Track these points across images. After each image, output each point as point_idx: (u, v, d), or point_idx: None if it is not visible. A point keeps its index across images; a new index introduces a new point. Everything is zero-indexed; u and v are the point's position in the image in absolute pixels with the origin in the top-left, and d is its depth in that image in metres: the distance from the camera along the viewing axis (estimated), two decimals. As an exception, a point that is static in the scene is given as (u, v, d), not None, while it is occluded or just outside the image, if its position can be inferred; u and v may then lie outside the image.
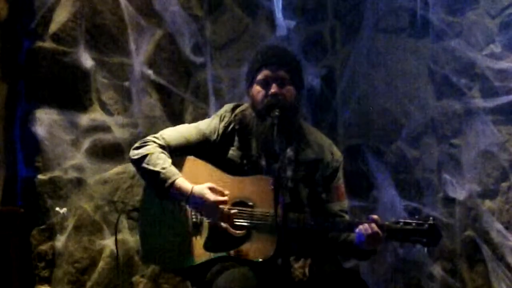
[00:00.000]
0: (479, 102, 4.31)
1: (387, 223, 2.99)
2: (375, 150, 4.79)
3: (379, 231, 2.95)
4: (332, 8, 4.99)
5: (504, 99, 4.21)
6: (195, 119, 3.60)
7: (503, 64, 4.20)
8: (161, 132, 3.21)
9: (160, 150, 3.13)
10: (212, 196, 3.03)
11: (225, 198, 3.05)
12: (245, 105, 3.25)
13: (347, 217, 3.20)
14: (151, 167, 3.09)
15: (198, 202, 3.04)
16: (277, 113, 3.01)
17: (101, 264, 4.02)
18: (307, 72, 4.86)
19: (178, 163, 3.15)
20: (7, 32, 3.87)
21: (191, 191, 3.04)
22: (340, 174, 3.27)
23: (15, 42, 3.90)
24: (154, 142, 3.15)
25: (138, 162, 3.13)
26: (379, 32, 4.80)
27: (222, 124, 3.20)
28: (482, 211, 4.29)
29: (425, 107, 4.57)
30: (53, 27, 3.93)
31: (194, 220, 3.12)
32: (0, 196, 3.81)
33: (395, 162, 4.70)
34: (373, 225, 2.96)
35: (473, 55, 4.32)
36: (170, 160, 3.11)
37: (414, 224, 2.96)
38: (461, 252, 4.39)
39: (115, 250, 4.03)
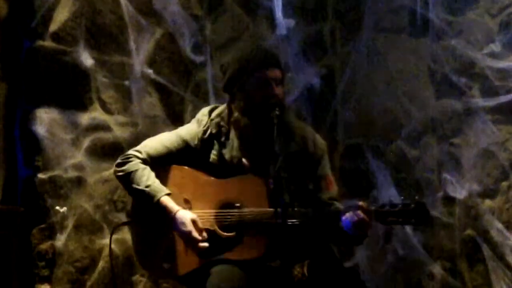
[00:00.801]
0: (479, 101, 4.31)
1: (373, 207, 2.97)
2: (375, 150, 4.79)
3: (366, 217, 2.94)
4: (332, 8, 4.99)
5: (504, 99, 4.22)
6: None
7: (503, 64, 4.20)
8: (142, 145, 3.22)
9: (143, 166, 3.14)
10: (189, 228, 3.05)
11: (200, 238, 3.05)
12: (222, 106, 3.26)
13: (337, 204, 3.18)
14: (135, 186, 3.11)
15: (178, 228, 3.07)
16: (277, 113, 3.02)
17: (101, 263, 4.02)
18: (307, 72, 4.87)
19: (163, 173, 3.16)
20: (7, 31, 3.87)
21: (174, 215, 3.07)
22: (326, 162, 3.26)
23: (15, 42, 3.90)
24: (136, 157, 3.16)
25: (123, 180, 3.17)
26: (379, 31, 4.80)
27: (201, 128, 3.22)
28: (482, 211, 4.29)
29: (425, 107, 4.57)
30: (53, 27, 3.93)
31: None
32: (0, 195, 3.81)
33: (395, 161, 4.70)
34: (359, 212, 2.94)
35: (473, 55, 4.32)
36: (153, 174, 3.13)
37: (400, 205, 2.95)
38: (461, 251, 4.39)
39: (115, 249, 4.03)
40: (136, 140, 3.26)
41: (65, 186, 3.93)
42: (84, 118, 4.01)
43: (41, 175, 3.87)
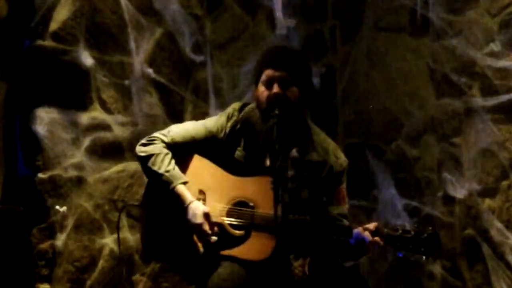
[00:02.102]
0: (479, 100, 4.31)
1: (386, 230, 2.95)
2: (375, 149, 4.79)
3: (379, 241, 2.93)
4: (332, 7, 4.99)
5: (504, 98, 4.22)
6: (195, 118, 3.60)
7: (503, 63, 4.20)
8: (168, 129, 3.21)
9: (166, 151, 3.14)
10: (200, 220, 3.04)
11: (210, 232, 3.05)
12: (253, 105, 3.24)
13: (345, 221, 3.17)
14: (155, 168, 3.11)
15: (190, 218, 3.06)
16: (276, 112, 3.00)
17: (101, 263, 4.03)
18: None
19: (183, 161, 3.16)
20: (7, 31, 3.87)
21: (188, 205, 3.07)
22: (344, 178, 3.24)
23: (15, 42, 3.90)
24: (162, 140, 3.16)
25: (143, 160, 3.15)
26: (379, 31, 4.80)
27: (230, 123, 3.20)
28: (482, 210, 4.29)
29: (425, 106, 4.57)
30: (53, 26, 3.93)
31: None
32: (0, 195, 3.81)
33: (395, 161, 4.70)
34: (370, 235, 2.94)
35: (473, 54, 4.32)
36: (174, 161, 3.13)
37: (413, 232, 2.92)
38: (461, 250, 4.40)
39: (115, 249, 4.04)
40: (136, 140, 3.26)
41: (65, 186, 3.93)
42: (84, 118, 4.01)
43: (41, 175, 3.87)
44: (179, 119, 4.26)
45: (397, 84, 4.70)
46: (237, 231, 3.07)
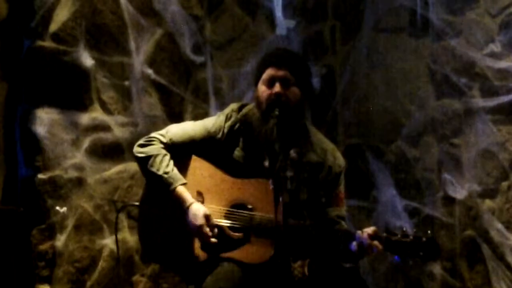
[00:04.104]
0: (479, 101, 4.31)
1: (385, 234, 2.95)
2: (375, 150, 4.79)
3: (378, 245, 2.93)
4: (332, 8, 4.99)
5: (504, 99, 4.22)
6: (195, 119, 3.60)
7: (503, 64, 4.20)
8: (167, 129, 3.20)
9: (164, 152, 3.13)
10: (201, 221, 3.03)
11: (210, 234, 3.04)
12: (251, 105, 3.24)
13: (343, 223, 3.18)
14: (154, 170, 3.10)
15: (190, 220, 3.05)
16: (277, 113, 3.00)
17: (101, 263, 4.03)
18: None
19: (182, 162, 3.15)
20: (7, 31, 3.87)
21: (188, 207, 3.06)
22: (341, 180, 3.24)
23: (15, 42, 3.90)
24: (160, 141, 3.15)
25: (142, 162, 3.14)
26: (379, 31, 4.80)
27: (228, 123, 3.19)
28: (482, 211, 4.29)
29: (425, 107, 4.57)
30: (53, 27, 3.93)
31: None
32: (0, 195, 3.81)
33: (395, 161, 4.70)
34: (369, 239, 2.94)
35: (473, 55, 4.32)
36: (172, 162, 3.12)
37: (412, 237, 2.91)
38: (461, 251, 4.40)
39: (115, 249, 4.03)
40: (136, 140, 3.25)
41: (65, 186, 3.93)
42: (84, 118, 4.02)
43: (41, 175, 3.87)
44: (179, 120, 4.26)
45: (397, 85, 4.70)
46: (236, 234, 3.07)
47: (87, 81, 4.03)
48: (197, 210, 3.05)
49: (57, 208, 3.89)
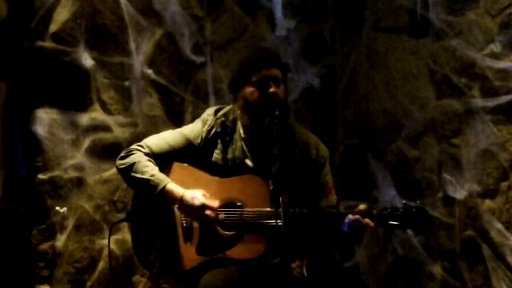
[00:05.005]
0: (479, 101, 4.31)
1: (374, 211, 2.98)
2: (375, 150, 4.79)
3: (370, 222, 2.94)
4: (332, 8, 4.99)
5: (504, 99, 4.22)
6: (195, 119, 3.60)
7: (503, 64, 4.20)
8: (145, 140, 3.23)
9: (146, 158, 3.15)
10: (201, 200, 3.04)
11: (214, 204, 3.06)
12: (228, 107, 3.26)
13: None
14: (139, 175, 3.11)
15: (189, 204, 3.06)
16: (277, 113, 3.01)
17: (101, 263, 4.03)
18: (307, 72, 4.87)
19: (164, 170, 3.16)
20: (7, 31, 3.87)
21: (183, 194, 3.06)
22: (327, 170, 3.26)
23: (15, 42, 3.90)
24: (139, 150, 3.17)
25: (125, 171, 3.16)
26: (379, 31, 4.80)
27: (205, 128, 3.22)
28: (482, 211, 4.29)
29: (425, 107, 4.57)
30: (53, 27, 3.93)
31: (184, 225, 3.13)
32: (0, 195, 3.81)
33: (395, 161, 4.70)
34: (360, 217, 2.95)
35: (473, 55, 4.32)
36: (157, 167, 3.14)
37: (401, 209, 2.95)
38: (461, 251, 4.40)
39: (115, 250, 4.04)
40: (136, 140, 3.26)
41: (65, 187, 3.93)
42: (84, 119, 4.01)
43: (41, 176, 3.87)
44: (179, 120, 4.27)
45: (397, 85, 4.70)
46: (228, 232, 3.07)
47: (87, 81, 4.03)
48: (193, 192, 3.07)
49: (57, 208, 3.89)
